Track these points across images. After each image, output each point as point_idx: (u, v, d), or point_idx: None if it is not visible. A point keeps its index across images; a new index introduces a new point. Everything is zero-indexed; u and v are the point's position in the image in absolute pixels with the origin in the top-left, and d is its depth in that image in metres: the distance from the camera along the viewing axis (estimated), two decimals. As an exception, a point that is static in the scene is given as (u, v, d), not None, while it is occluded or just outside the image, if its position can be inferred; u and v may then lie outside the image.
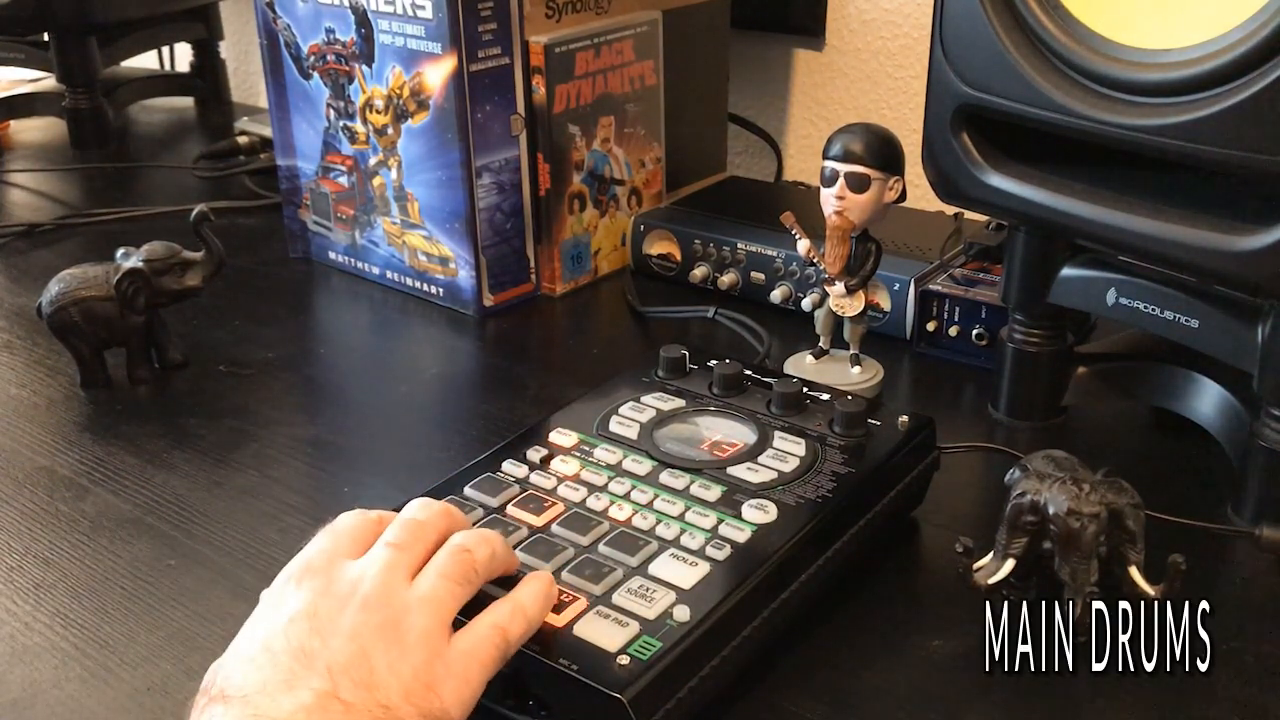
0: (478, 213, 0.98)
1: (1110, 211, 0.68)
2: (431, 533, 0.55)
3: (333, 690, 0.46)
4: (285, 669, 0.47)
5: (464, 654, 0.50)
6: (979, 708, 0.58)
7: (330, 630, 0.49)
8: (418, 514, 0.56)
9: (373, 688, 0.47)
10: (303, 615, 0.49)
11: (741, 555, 0.59)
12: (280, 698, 0.46)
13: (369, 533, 0.55)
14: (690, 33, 1.12)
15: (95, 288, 0.88)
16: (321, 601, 0.50)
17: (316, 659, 0.47)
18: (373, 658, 0.48)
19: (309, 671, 0.47)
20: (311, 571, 0.52)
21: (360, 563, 0.52)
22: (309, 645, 0.48)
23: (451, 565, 0.53)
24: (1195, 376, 0.76)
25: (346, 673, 0.47)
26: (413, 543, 0.53)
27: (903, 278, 0.92)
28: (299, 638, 0.48)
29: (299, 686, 0.46)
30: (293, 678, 0.47)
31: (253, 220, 1.25)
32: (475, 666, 0.50)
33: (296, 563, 0.53)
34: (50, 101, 1.55)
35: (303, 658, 0.47)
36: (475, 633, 0.52)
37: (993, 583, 0.60)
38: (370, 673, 0.48)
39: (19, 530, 0.73)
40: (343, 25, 1.00)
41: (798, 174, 1.34)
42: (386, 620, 0.49)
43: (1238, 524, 0.70)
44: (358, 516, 0.56)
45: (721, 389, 0.73)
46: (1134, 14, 0.64)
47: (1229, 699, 0.58)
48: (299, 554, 0.54)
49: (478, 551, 0.54)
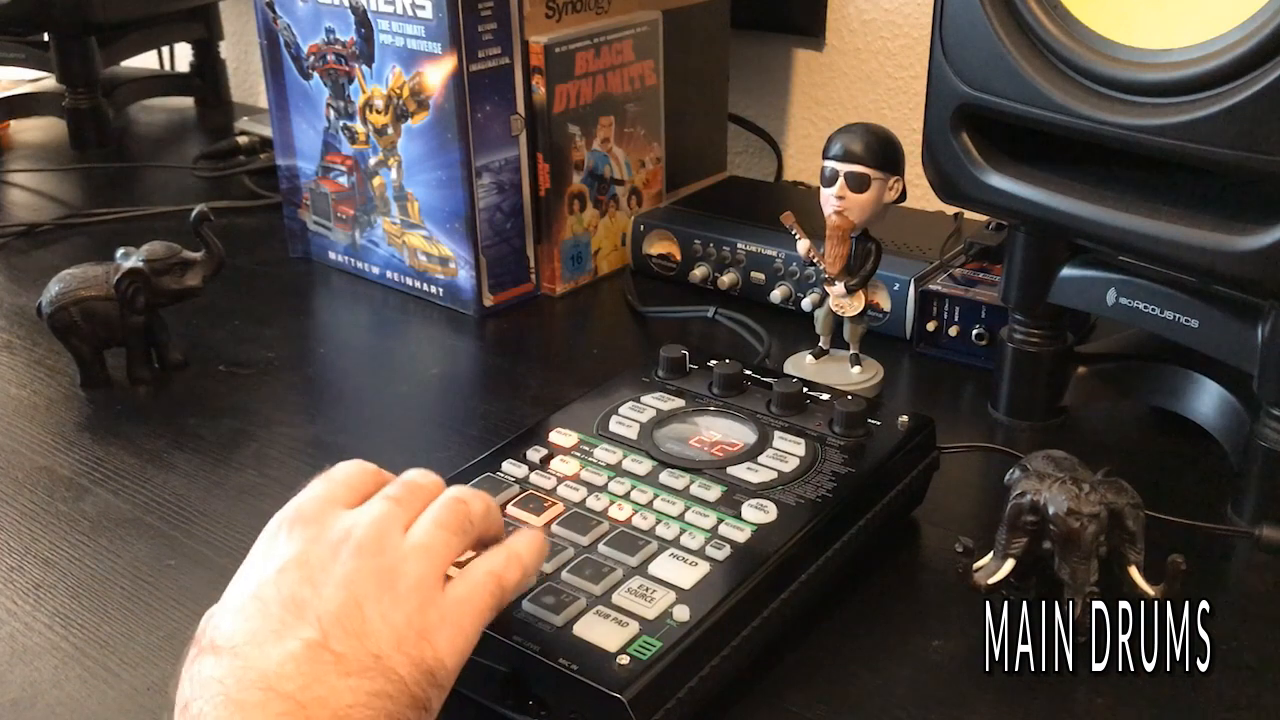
0: (478, 213, 0.98)
1: (1110, 211, 0.68)
2: (429, 493, 0.54)
3: (323, 640, 0.45)
4: (275, 618, 0.46)
5: (459, 601, 0.50)
6: (979, 708, 0.58)
7: (322, 578, 0.47)
8: (416, 476, 0.55)
9: (364, 637, 0.46)
10: (294, 563, 0.48)
11: (741, 555, 0.59)
12: (269, 648, 0.45)
13: (366, 484, 0.54)
14: (690, 33, 1.12)
15: (95, 288, 0.88)
16: (313, 549, 0.49)
17: (307, 608, 0.46)
18: (365, 606, 0.47)
19: (299, 621, 0.46)
20: (304, 519, 0.50)
21: (355, 512, 0.51)
22: (300, 594, 0.47)
23: (447, 515, 0.52)
24: (1195, 376, 0.76)
25: (338, 622, 0.46)
26: (410, 499, 0.52)
27: (903, 278, 0.92)
28: (289, 586, 0.47)
29: (288, 636, 0.45)
30: (282, 627, 0.46)
31: (253, 220, 1.25)
32: (470, 614, 0.50)
33: (289, 509, 0.52)
34: (50, 101, 1.55)
35: (293, 607, 0.46)
36: (470, 580, 0.51)
37: (993, 583, 0.60)
38: (362, 621, 0.47)
39: (19, 530, 0.73)
40: (343, 25, 1.00)
41: (798, 174, 1.34)
42: (380, 568, 0.48)
43: (1238, 524, 0.70)
44: (356, 465, 0.55)
45: (721, 389, 0.73)
46: (1134, 14, 0.64)
47: (1229, 699, 0.58)
48: (293, 500, 0.52)
49: (473, 504, 0.53)
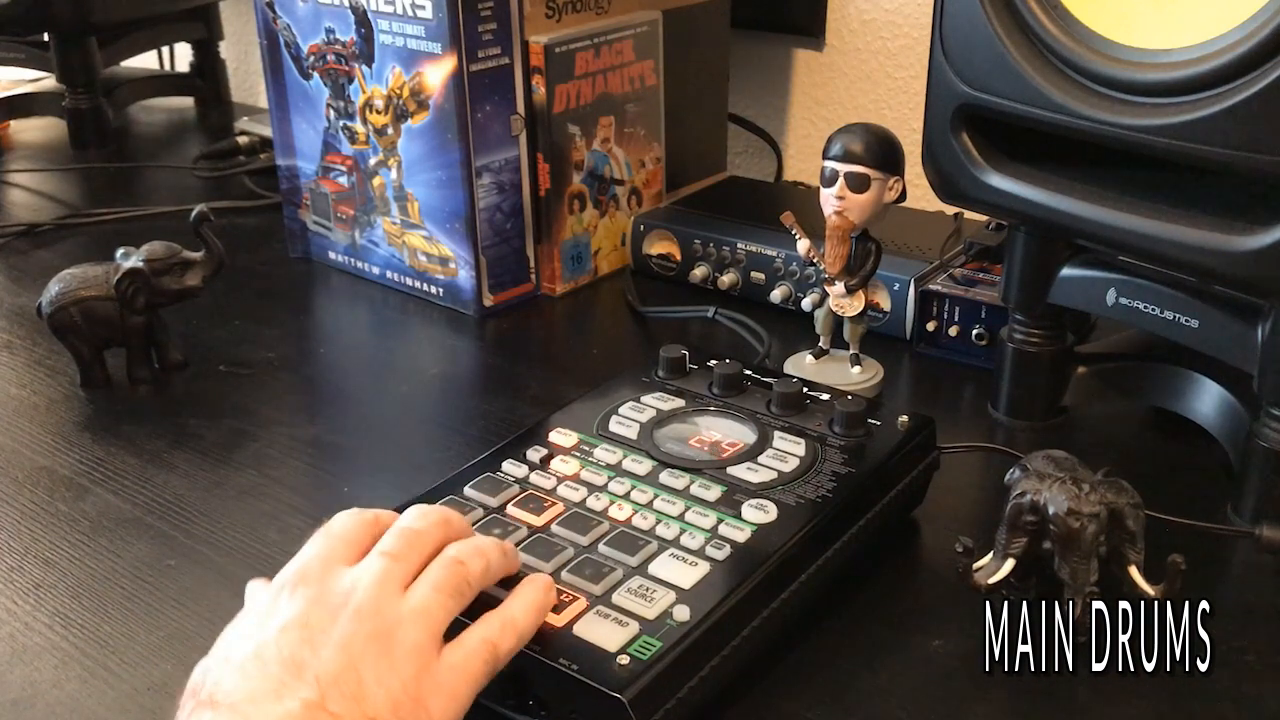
0: (478, 213, 0.98)
1: (1110, 211, 0.68)
2: (428, 542, 0.55)
3: (320, 701, 0.46)
4: (275, 678, 0.47)
5: (453, 668, 0.51)
6: (979, 708, 0.58)
7: (321, 640, 0.49)
8: (414, 523, 0.55)
9: (361, 700, 0.47)
10: (294, 624, 0.49)
11: (741, 555, 0.59)
12: (268, 706, 0.46)
13: (365, 535, 0.55)
14: (690, 33, 1.12)
15: (95, 288, 0.88)
16: (313, 611, 0.50)
17: (306, 669, 0.47)
18: (362, 670, 0.48)
19: (298, 681, 0.47)
20: (306, 579, 0.52)
21: (354, 572, 0.52)
22: (299, 655, 0.48)
23: (444, 578, 0.53)
24: (1195, 376, 0.76)
25: (335, 684, 0.47)
26: (408, 552, 0.53)
27: (903, 278, 0.92)
28: (290, 647, 0.48)
29: (287, 696, 0.46)
30: (281, 687, 0.47)
31: (253, 220, 1.25)
32: (464, 681, 0.51)
33: (291, 569, 0.53)
34: (50, 101, 1.55)
35: (292, 667, 0.47)
36: (465, 647, 0.52)
37: (993, 583, 0.60)
38: (359, 685, 0.48)
39: (19, 530, 0.73)
40: (343, 25, 1.00)
41: (798, 174, 1.34)
42: (377, 631, 0.49)
43: (1238, 524, 0.70)
44: (354, 519, 0.56)
45: (721, 389, 0.73)
46: (1134, 14, 0.64)
47: (1229, 699, 0.58)
48: (294, 559, 0.53)
49: (471, 564, 0.54)
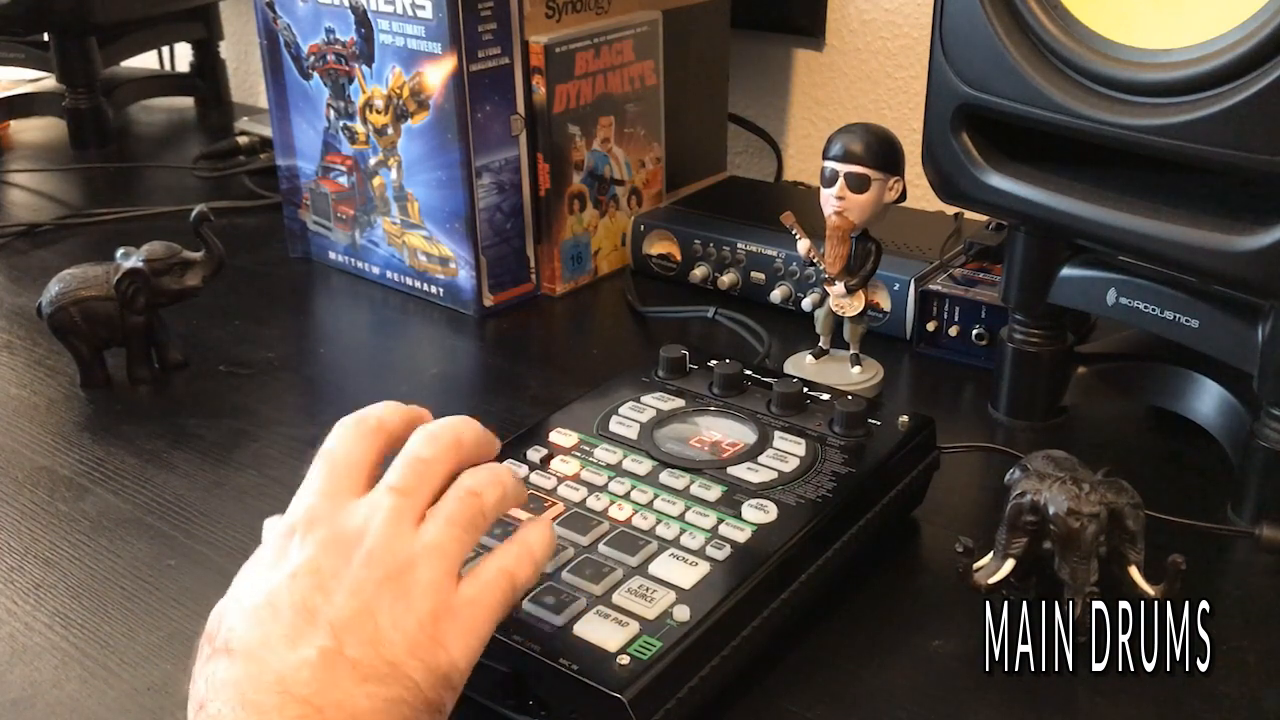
0: (478, 213, 0.98)
1: (1110, 211, 0.68)
2: (439, 472, 0.53)
3: (337, 647, 0.46)
4: (288, 624, 0.47)
5: (470, 602, 0.50)
6: (979, 708, 0.58)
7: (334, 586, 0.48)
8: (423, 451, 0.53)
9: (378, 644, 0.47)
10: (306, 570, 0.48)
11: (741, 555, 0.59)
12: (285, 653, 0.46)
13: (369, 452, 0.53)
14: (690, 33, 1.12)
15: (95, 288, 0.88)
16: (324, 556, 0.49)
17: (319, 615, 0.47)
18: (377, 614, 0.47)
19: (312, 628, 0.46)
20: (315, 521, 0.50)
21: (364, 509, 0.50)
22: (312, 601, 0.47)
23: (458, 511, 0.51)
24: (1195, 376, 0.76)
25: (350, 630, 0.47)
26: (418, 485, 0.52)
27: (903, 278, 0.92)
28: (302, 593, 0.48)
29: (302, 644, 0.46)
30: (296, 634, 0.46)
31: (253, 220, 1.25)
32: (483, 614, 0.50)
33: (299, 508, 0.51)
34: (50, 101, 1.55)
35: (306, 614, 0.47)
36: (482, 579, 0.51)
37: (993, 583, 0.60)
38: (375, 629, 0.47)
39: (19, 530, 0.73)
40: (343, 25, 1.00)
41: (798, 174, 1.34)
42: (391, 573, 0.48)
43: (1238, 524, 0.70)
44: (354, 435, 0.54)
45: (721, 389, 0.73)
46: (1134, 14, 0.64)
47: (1229, 699, 0.58)
48: (300, 494, 0.52)
49: (487, 495, 0.53)
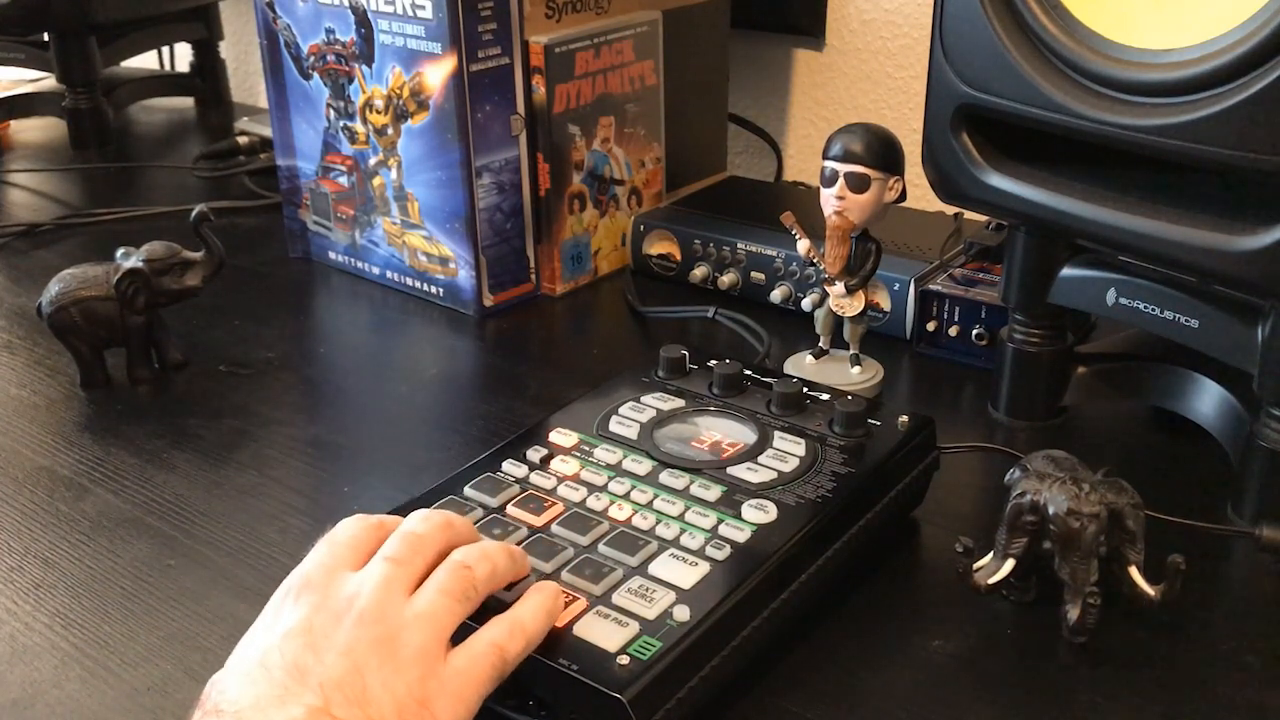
0: (478, 213, 0.98)
1: (1110, 211, 0.68)
2: (431, 546, 0.54)
3: (325, 706, 0.46)
4: (279, 684, 0.47)
5: (460, 672, 0.50)
6: (979, 708, 0.58)
7: (324, 646, 0.48)
8: (417, 527, 0.55)
9: (365, 704, 0.47)
10: (298, 631, 0.49)
11: (741, 555, 0.59)
12: (272, 713, 0.46)
13: (369, 540, 0.55)
14: (690, 33, 1.12)
15: (95, 288, 0.88)
16: (317, 617, 0.50)
17: (310, 675, 0.47)
18: (366, 674, 0.48)
19: (302, 687, 0.47)
20: (309, 586, 0.51)
21: (358, 577, 0.52)
22: (303, 661, 0.48)
23: (451, 582, 0.52)
24: (1195, 376, 0.76)
25: (339, 689, 0.47)
26: (411, 557, 0.53)
27: (903, 278, 0.92)
28: (293, 653, 0.48)
29: (291, 702, 0.46)
30: (286, 693, 0.47)
31: (253, 220, 1.25)
32: (471, 685, 0.50)
33: (295, 576, 0.53)
34: (50, 101, 1.55)
35: (296, 673, 0.47)
36: (472, 651, 0.51)
37: (993, 583, 0.60)
38: (363, 689, 0.47)
39: (19, 530, 0.73)
40: (343, 25, 1.00)
41: (798, 174, 1.34)
42: (381, 636, 0.49)
43: (1238, 524, 0.70)
44: (357, 525, 0.56)
45: (721, 389, 0.73)
46: (1134, 14, 0.64)
47: (1229, 699, 0.58)
48: (298, 567, 0.53)
49: (478, 568, 0.54)
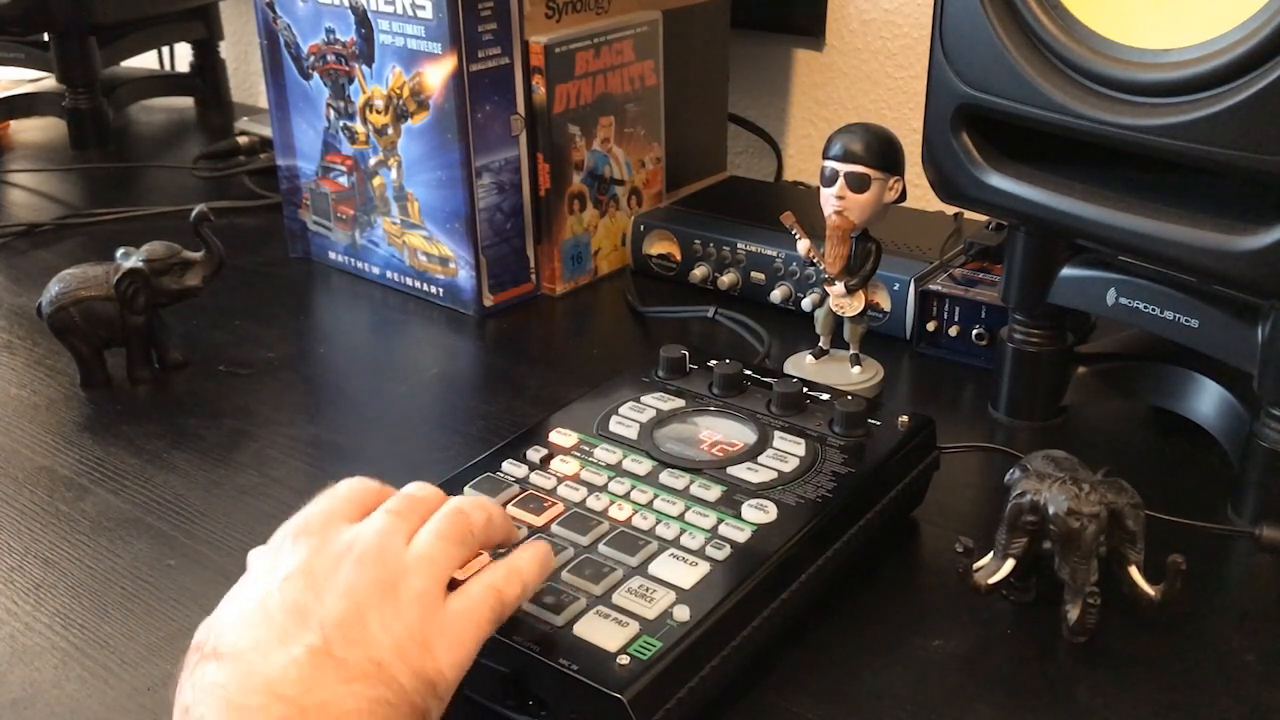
0: (478, 213, 0.98)
1: (1110, 211, 0.68)
2: (430, 504, 0.55)
3: (325, 646, 0.46)
4: (279, 625, 0.47)
5: (459, 615, 0.50)
6: (979, 708, 0.58)
7: (325, 587, 0.48)
8: (416, 490, 0.56)
9: (366, 644, 0.47)
10: (298, 572, 0.49)
11: (741, 555, 0.59)
12: (272, 654, 0.46)
13: (369, 500, 0.55)
14: (690, 33, 1.12)
15: (95, 288, 0.88)
16: (317, 559, 0.50)
17: (310, 615, 0.47)
18: (366, 615, 0.48)
19: (302, 628, 0.47)
20: (309, 530, 0.52)
21: (358, 525, 0.52)
22: (303, 601, 0.48)
23: (448, 526, 0.53)
24: (1195, 376, 0.76)
25: (339, 629, 0.47)
26: (410, 511, 0.53)
27: (903, 278, 0.92)
28: (293, 594, 0.48)
29: (292, 643, 0.46)
30: (285, 634, 0.47)
31: (253, 220, 1.25)
32: (470, 627, 0.50)
33: (294, 522, 0.53)
34: (50, 101, 1.55)
35: (296, 614, 0.47)
36: (470, 594, 0.51)
37: (993, 583, 0.60)
38: (363, 629, 0.48)
39: (19, 530, 0.73)
40: (343, 25, 1.00)
41: (798, 174, 1.34)
42: (381, 578, 0.49)
43: (1238, 524, 0.70)
44: (358, 481, 0.56)
45: (721, 389, 0.73)
46: (1134, 14, 0.64)
47: (1229, 699, 0.58)
48: (297, 514, 0.53)
49: (473, 514, 0.54)
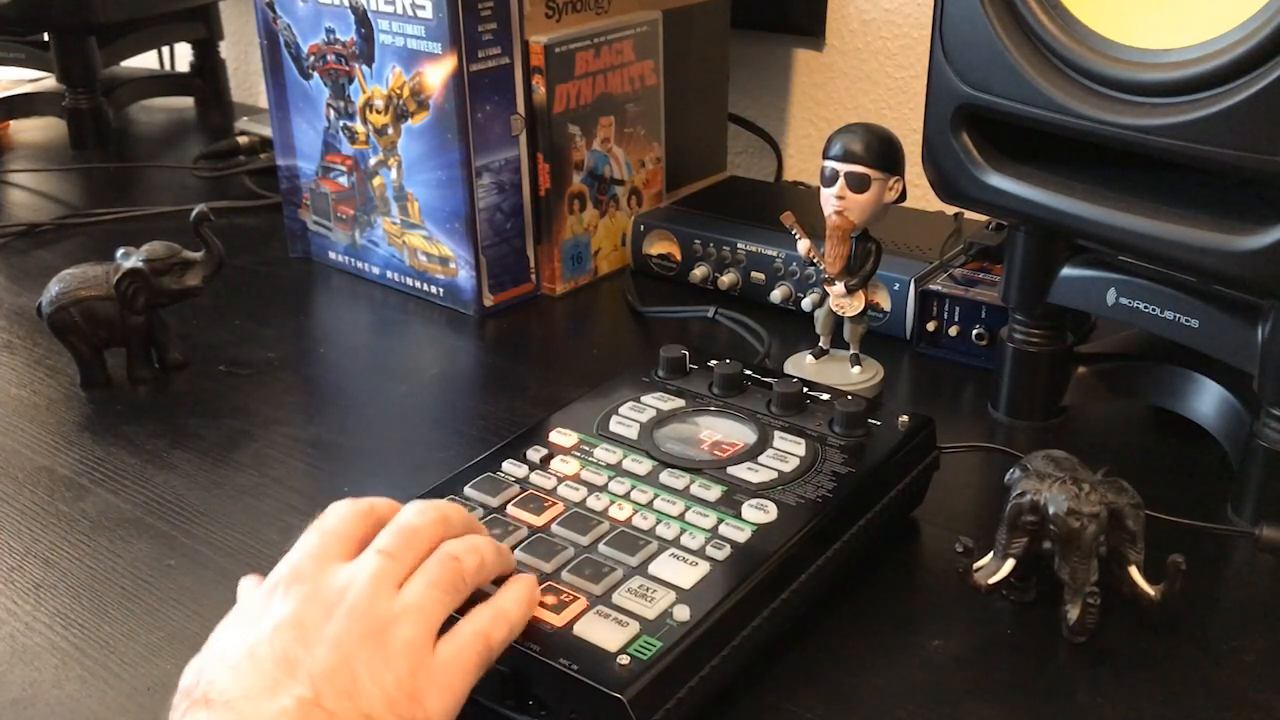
0: (478, 213, 0.98)
1: (1110, 211, 0.68)
2: (424, 540, 0.54)
3: (315, 698, 0.47)
4: (269, 676, 0.47)
5: (447, 663, 0.51)
6: (979, 708, 0.58)
7: (315, 638, 0.49)
8: (412, 520, 0.55)
9: (355, 697, 0.47)
10: (288, 623, 0.49)
11: (741, 555, 0.59)
12: (263, 704, 0.46)
13: (359, 529, 0.55)
14: (690, 33, 1.12)
15: (95, 288, 0.88)
16: (307, 609, 0.50)
17: (299, 667, 0.48)
18: (356, 667, 0.48)
19: (291, 679, 0.47)
20: (299, 578, 0.51)
21: (349, 569, 0.52)
22: (293, 653, 0.48)
23: (439, 573, 0.53)
24: (1195, 376, 0.76)
25: (329, 681, 0.47)
26: (404, 550, 0.53)
27: (903, 278, 0.92)
28: (283, 645, 0.48)
29: (282, 693, 0.47)
30: (276, 685, 0.47)
31: (253, 220, 1.25)
32: (459, 675, 0.51)
33: (285, 567, 0.53)
34: (50, 101, 1.55)
35: (286, 665, 0.48)
36: (458, 641, 0.52)
37: (993, 583, 0.60)
38: (353, 682, 0.48)
39: (19, 530, 0.73)
40: (343, 25, 1.00)
41: (798, 174, 1.34)
42: (371, 629, 0.49)
43: (1238, 524, 0.70)
44: (348, 511, 0.56)
45: (721, 389, 0.73)
46: (1134, 14, 0.64)
47: (1229, 699, 0.58)
48: (288, 556, 0.53)
49: (466, 560, 0.54)
